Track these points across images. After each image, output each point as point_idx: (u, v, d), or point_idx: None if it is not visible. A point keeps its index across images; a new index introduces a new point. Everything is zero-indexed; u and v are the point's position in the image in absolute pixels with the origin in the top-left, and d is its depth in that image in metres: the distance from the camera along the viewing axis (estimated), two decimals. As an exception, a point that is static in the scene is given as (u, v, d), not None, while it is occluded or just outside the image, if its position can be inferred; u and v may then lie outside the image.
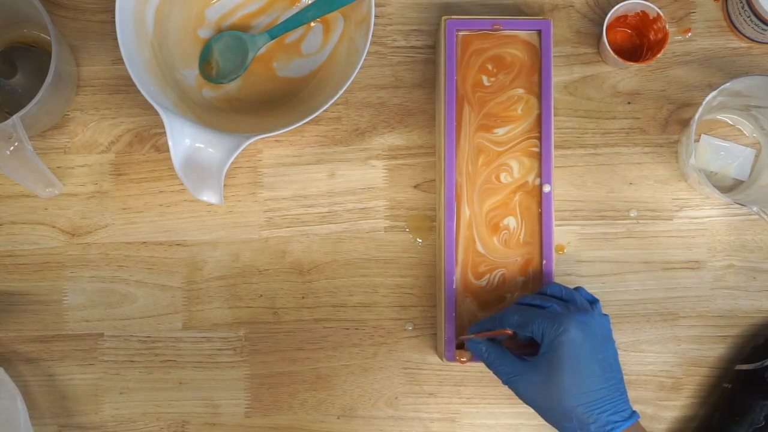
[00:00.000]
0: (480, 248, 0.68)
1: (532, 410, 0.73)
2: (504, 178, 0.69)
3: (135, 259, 0.74)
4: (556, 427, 0.62)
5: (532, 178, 0.69)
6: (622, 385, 0.61)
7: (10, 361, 0.73)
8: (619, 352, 0.72)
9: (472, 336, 0.65)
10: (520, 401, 0.73)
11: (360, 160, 0.74)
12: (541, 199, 0.68)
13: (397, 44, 0.75)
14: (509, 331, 0.62)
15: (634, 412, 0.61)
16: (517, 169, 0.69)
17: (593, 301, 0.64)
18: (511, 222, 0.68)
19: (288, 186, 0.74)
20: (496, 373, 0.64)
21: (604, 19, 0.71)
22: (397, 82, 0.75)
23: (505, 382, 0.64)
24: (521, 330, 0.62)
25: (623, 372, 0.62)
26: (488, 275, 0.68)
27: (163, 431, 0.73)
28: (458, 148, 0.69)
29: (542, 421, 0.73)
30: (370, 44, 0.67)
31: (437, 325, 0.72)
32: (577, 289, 0.65)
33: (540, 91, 0.69)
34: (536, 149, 0.69)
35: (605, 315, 0.63)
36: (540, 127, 0.69)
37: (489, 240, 0.68)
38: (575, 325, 0.60)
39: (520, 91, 0.69)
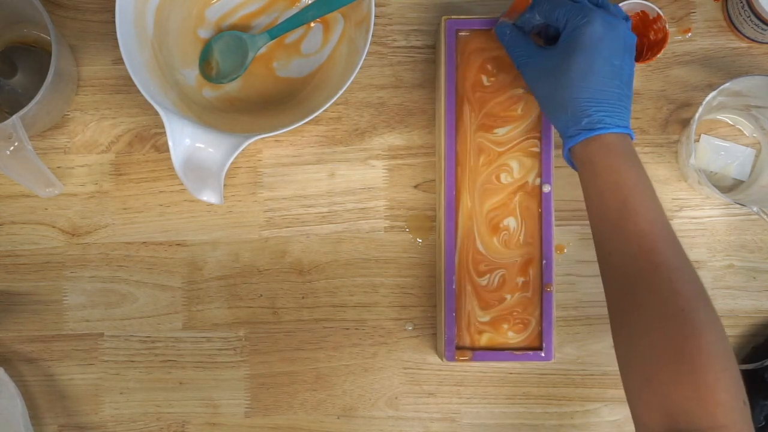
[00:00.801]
0: (480, 247, 0.68)
1: (531, 410, 0.73)
2: (504, 178, 0.68)
3: (135, 259, 0.74)
4: (550, 118, 0.63)
5: (532, 179, 0.69)
6: (628, 102, 0.61)
7: (10, 361, 0.73)
8: (619, 351, 0.73)
9: (504, 18, 0.66)
10: (520, 401, 0.73)
11: (360, 160, 0.74)
12: (541, 199, 0.68)
13: (397, 44, 0.75)
14: (522, 6, 0.64)
15: (630, 130, 0.61)
16: (517, 169, 0.69)
17: (626, 18, 0.63)
18: (511, 222, 0.68)
19: (288, 186, 0.74)
20: (511, 56, 0.65)
21: (604, 19, 0.71)
22: (397, 82, 0.75)
23: (517, 65, 0.65)
24: (548, 15, 0.62)
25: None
26: (488, 275, 0.68)
27: (163, 431, 0.73)
28: (458, 147, 0.69)
29: (542, 421, 0.73)
30: (370, 44, 0.67)
31: (437, 325, 0.72)
32: (615, 5, 0.64)
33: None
34: (536, 149, 0.69)
35: (634, 35, 0.62)
36: (540, 127, 0.69)
37: (489, 240, 0.68)
38: (600, 20, 0.60)
39: (520, 91, 0.69)
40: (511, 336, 0.68)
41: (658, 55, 0.71)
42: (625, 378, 0.57)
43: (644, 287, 0.56)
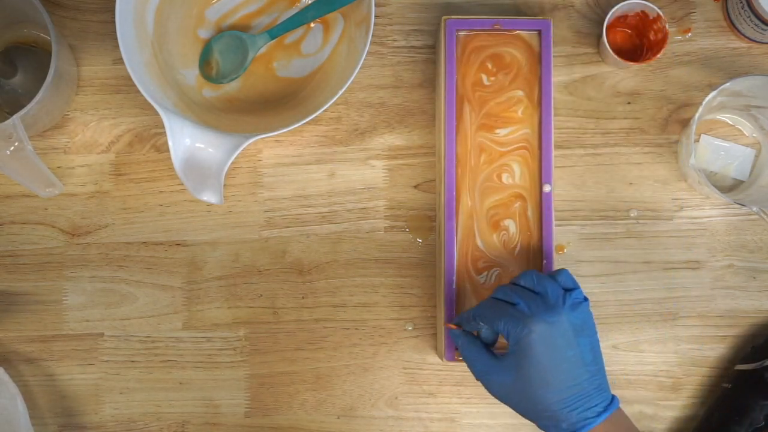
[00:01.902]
0: (480, 244, 0.68)
1: (532, 410, 0.73)
2: (506, 179, 0.68)
3: (135, 259, 0.74)
4: (532, 422, 0.61)
5: (532, 180, 0.68)
6: (597, 377, 0.59)
7: (10, 361, 0.73)
8: (618, 352, 0.73)
9: (452, 326, 0.64)
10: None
11: (360, 160, 0.74)
12: (541, 199, 0.68)
13: (397, 44, 0.75)
14: (453, 326, 0.63)
15: (613, 400, 0.59)
16: (518, 170, 0.69)
17: (571, 289, 0.60)
18: (510, 225, 0.68)
19: (288, 186, 0.74)
20: (469, 368, 0.63)
21: (604, 19, 0.71)
22: (397, 82, 0.75)
23: (477, 378, 0.62)
24: (491, 325, 0.60)
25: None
26: (486, 272, 0.68)
27: (163, 431, 0.73)
28: (458, 147, 0.69)
29: (542, 422, 0.73)
30: (370, 44, 0.67)
31: (437, 325, 0.72)
32: (558, 273, 0.61)
33: (540, 91, 0.69)
34: (536, 150, 0.69)
35: (581, 303, 0.60)
36: (540, 127, 0.69)
37: (489, 237, 0.68)
38: (542, 326, 0.57)
39: (520, 92, 0.69)
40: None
41: (658, 55, 0.71)
42: None
43: None
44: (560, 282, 0.61)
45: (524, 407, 0.60)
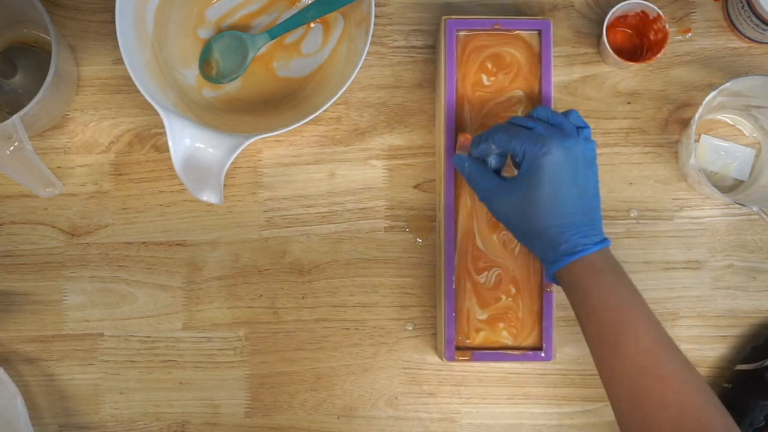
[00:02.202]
0: (479, 244, 0.68)
1: (532, 410, 0.73)
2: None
3: (135, 259, 0.74)
4: (527, 245, 0.63)
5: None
6: (598, 213, 0.62)
7: (10, 361, 0.73)
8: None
9: (459, 152, 0.66)
10: (520, 401, 0.73)
11: (360, 160, 0.74)
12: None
13: (397, 44, 0.75)
14: (468, 135, 0.65)
15: (606, 238, 0.61)
16: (518, 171, 0.68)
17: (583, 127, 0.63)
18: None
19: (288, 186, 0.74)
20: (474, 190, 0.65)
21: (604, 19, 0.71)
22: (397, 82, 0.75)
23: (481, 199, 0.64)
24: (504, 146, 0.62)
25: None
26: (486, 272, 0.68)
27: (163, 431, 0.73)
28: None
29: (543, 421, 0.73)
30: (370, 44, 0.67)
31: (437, 325, 0.72)
32: (569, 112, 0.63)
33: (540, 91, 0.69)
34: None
35: (592, 141, 0.62)
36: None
37: (489, 237, 0.68)
38: (557, 148, 0.60)
39: (520, 92, 0.69)
40: (505, 336, 0.68)
41: (658, 55, 0.70)
42: None
43: (655, 401, 0.56)
44: (572, 119, 0.63)
45: (526, 227, 0.62)
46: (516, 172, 0.63)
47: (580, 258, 0.60)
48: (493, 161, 0.65)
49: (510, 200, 0.62)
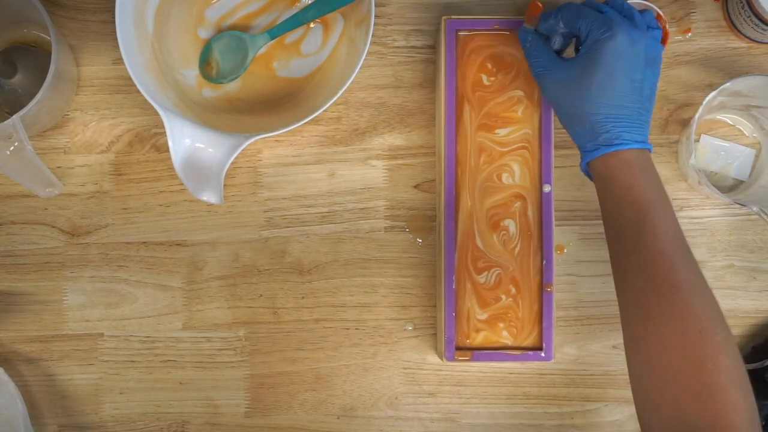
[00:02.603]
0: (479, 244, 0.68)
1: (531, 410, 0.73)
2: (505, 179, 0.68)
3: (135, 259, 0.74)
4: (567, 130, 0.63)
5: (532, 180, 0.69)
6: (647, 115, 0.61)
7: (10, 361, 0.73)
8: (619, 352, 0.73)
9: (527, 24, 0.66)
10: (520, 401, 0.73)
11: (360, 160, 0.74)
12: (541, 199, 0.68)
13: (397, 44, 0.75)
14: (540, 4, 0.63)
15: (649, 144, 0.60)
16: (518, 170, 0.69)
17: (654, 28, 0.61)
18: (510, 225, 0.68)
19: (288, 186, 0.74)
20: (530, 65, 0.65)
21: (604, 19, 0.71)
22: (397, 82, 0.75)
23: (534, 75, 0.64)
24: (571, 24, 0.61)
25: None
26: (486, 272, 0.68)
27: (163, 431, 0.73)
28: (458, 147, 0.69)
29: (542, 421, 0.73)
30: (370, 44, 0.67)
31: (437, 325, 0.72)
32: (645, 11, 0.62)
33: (540, 91, 0.69)
34: (536, 149, 0.69)
35: (660, 45, 0.61)
36: (540, 127, 0.69)
37: (489, 237, 0.68)
38: (623, 35, 0.58)
39: (520, 92, 0.69)
40: (505, 336, 0.68)
41: (658, 55, 0.70)
42: (638, 395, 0.56)
43: (663, 307, 0.55)
44: (646, 18, 0.62)
45: (571, 110, 0.61)
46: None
47: (617, 151, 0.59)
48: (556, 42, 0.64)
49: (563, 79, 0.61)
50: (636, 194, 0.58)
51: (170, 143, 0.65)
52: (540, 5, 0.65)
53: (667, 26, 0.70)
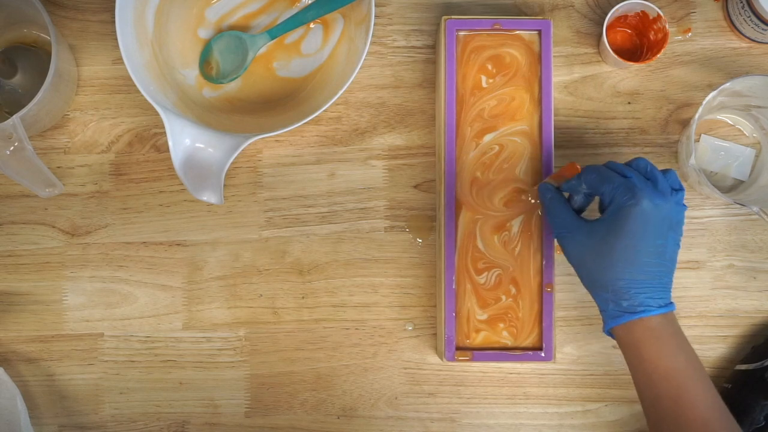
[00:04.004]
0: (480, 245, 0.68)
1: (531, 410, 0.73)
2: (505, 178, 0.68)
3: (135, 259, 0.74)
4: (590, 292, 0.62)
5: (533, 179, 0.69)
6: (670, 276, 0.61)
7: (10, 361, 0.73)
8: (617, 352, 0.72)
9: (549, 180, 0.65)
10: (520, 401, 0.73)
11: (360, 160, 0.74)
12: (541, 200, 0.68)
13: (397, 44, 0.75)
14: (578, 167, 0.62)
15: (672, 303, 0.60)
16: (517, 169, 0.69)
17: (678, 189, 0.61)
18: (511, 223, 0.68)
19: (288, 186, 0.74)
20: (550, 223, 0.65)
21: (604, 19, 0.71)
22: (397, 82, 0.75)
23: (556, 236, 0.64)
24: (595, 187, 0.61)
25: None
26: (486, 273, 0.68)
27: (163, 431, 0.73)
28: (458, 146, 0.69)
29: (542, 421, 0.73)
30: (370, 44, 0.67)
31: (437, 325, 0.72)
32: (668, 171, 0.62)
33: (540, 91, 0.69)
34: (536, 149, 0.69)
35: (683, 205, 0.61)
36: (540, 127, 0.69)
37: (489, 238, 0.68)
38: (647, 203, 0.58)
39: (520, 92, 0.69)
40: (506, 336, 0.68)
41: (658, 55, 0.70)
42: None
43: None
44: (669, 179, 0.62)
45: (593, 274, 0.61)
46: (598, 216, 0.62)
47: (641, 319, 0.59)
48: (577, 200, 0.64)
49: (585, 242, 0.61)
50: (668, 364, 0.58)
51: (170, 143, 0.65)
52: (578, 168, 0.62)
53: (666, 26, 0.70)
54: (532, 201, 0.68)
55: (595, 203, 0.65)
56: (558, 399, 0.73)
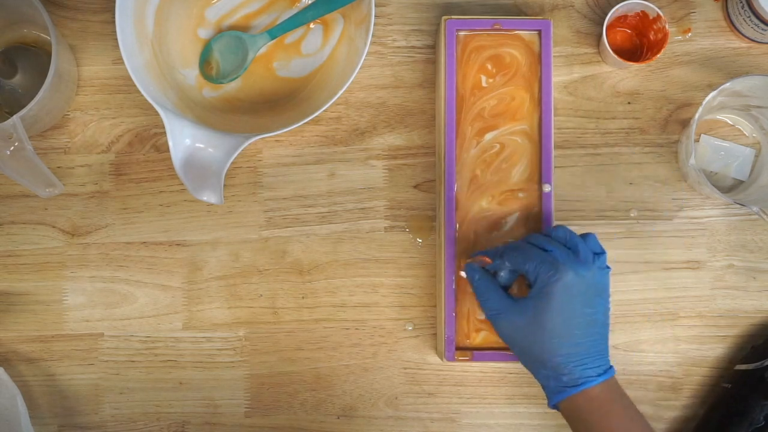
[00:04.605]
0: (480, 245, 0.68)
1: (532, 410, 0.73)
2: (505, 178, 0.68)
3: (135, 259, 0.74)
4: (530, 370, 0.63)
5: (532, 179, 0.69)
6: (605, 341, 0.61)
7: (10, 361, 0.73)
8: (618, 352, 0.73)
9: (471, 260, 0.65)
10: (520, 401, 0.73)
11: (360, 160, 0.74)
12: (540, 199, 0.68)
13: (397, 44, 0.75)
14: (488, 260, 0.63)
15: (611, 367, 0.61)
16: (518, 170, 0.69)
17: (599, 253, 0.62)
18: (510, 223, 0.68)
19: (288, 186, 0.74)
20: (481, 305, 0.64)
21: (604, 19, 0.71)
22: (397, 82, 0.75)
23: (488, 317, 0.64)
24: (518, 266, 0.61)
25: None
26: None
27: (163, 431, 0.73)
28: (458, 146, 0.69)
29: (542, 421, 0.73)
30: (370, 44, 0.67)
31: (437, 325, 0.72)
32: (586, 236, 0.63)
33: (540, 91, 0.69)
34: (536, 149, 0.69)
35: (606, 268, 0.62)
36: (540, 127, 0.69)
37: (489, 237, 0.68)
38: (571, 275, 0.59)
39: (520, 92, 0.69)
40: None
41: (658, 55, 0.70)
42: None
43: None
44: (589, 244, 0.62)
45: (530, 353, 0.61)
46: (526, 288, 0.62)
47: (584, 390, 0.59)
48: (504, 276, 0.64)
49: (516, 322, 0.61)
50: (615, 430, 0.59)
51: (170, 143, 0.65)
52: (488, 260, 0.64)
53: (666, 26, 0.70)
54: (523, 194, 0.68)
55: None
56: (558, 399, 0.73)
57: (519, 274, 0.65)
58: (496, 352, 0.67)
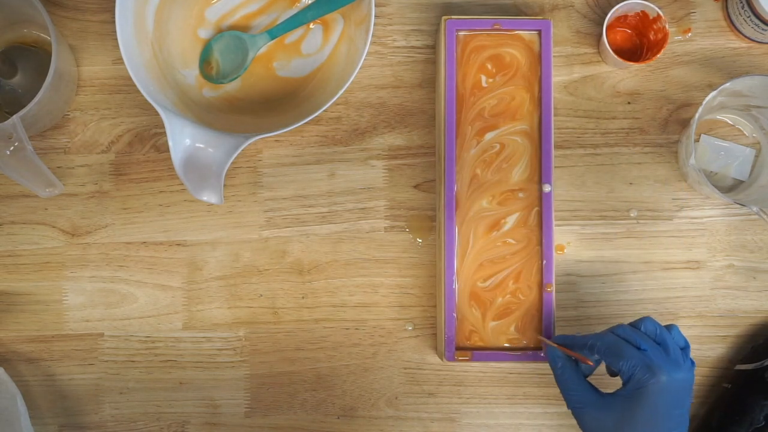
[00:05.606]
0: (480, 244, 0.68)
1: (532, 410, 0.73)
2: (505, 178, 0.69)
3: (135, 259, 0.74)
4: None
5: (532, 179, 0.69)
6: None
7: (10, 361, 0.73)
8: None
9: (553, 343, 0.63)
10: (520, 401, 0.73)
11: (360, 160, 0.74)
12: (541, 199, 0.68)
13: (397, 44, 0.75)
14: (591, 362, 0.61)
15: None
16: (518, 170, 0.69)
17: (684, 347, 0.61)
18: (510, 223, 0.68)
19: (288, 186, 0.74)
20: (563, 395, 0.63)
21: (604, 19, 0.71)
22: (397, 82, 0.75)
23: (570, 407, 0.62)
24: (610, 361, 0.60)
25: None
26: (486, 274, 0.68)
27: (163, 431, 0.73)
28: (458, 147, 0.69)
29: (542, 421, 0.73)
30: (370, 44, 0.67)
31: (437, 325, 0.72)
32: (670, 327, 0.61)
33: (540, 91, 0.69)
34: (536, 149, 0.69)
35: (693, 364, 0.60)
36: (540, 127, 0.69)
37: (489, 237, 0.68)
38: (665, 378, 0.57)
39: (520, 92, 0.69)
40: (510, 334, 0.68)
41: (658, 55, 0.71)
42: None
43: None
44: (674, 336, 0.61)
45: None
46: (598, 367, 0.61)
47: None
48: (588, 367, 0.63)
49: (603, 420, 0.59)
50: None
51: (170, 143, 0.65)
52: (554, 345, 0.62)
53: (666, 26, 0.70)
54: (523, 194, 0.68)
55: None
56: (558, 399, 0.73)
57: (600, 362, 0.63)
58: (496, 352, 0.67)
